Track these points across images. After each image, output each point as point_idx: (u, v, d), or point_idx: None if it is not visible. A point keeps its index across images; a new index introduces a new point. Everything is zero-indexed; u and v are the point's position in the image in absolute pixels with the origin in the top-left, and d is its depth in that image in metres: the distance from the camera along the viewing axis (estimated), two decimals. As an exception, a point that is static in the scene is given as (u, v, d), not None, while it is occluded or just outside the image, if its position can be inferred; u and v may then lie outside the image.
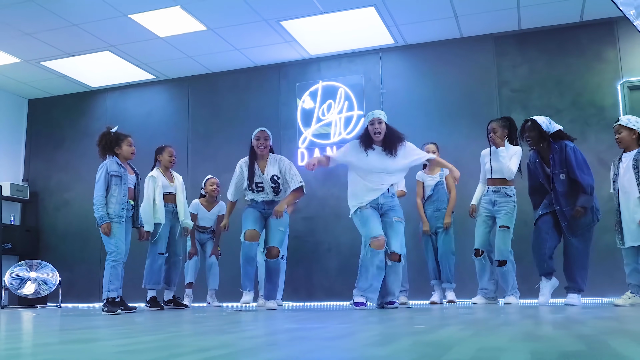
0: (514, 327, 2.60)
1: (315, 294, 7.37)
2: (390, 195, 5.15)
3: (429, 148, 6.27)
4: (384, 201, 5.11)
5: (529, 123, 5.24)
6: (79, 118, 8.95)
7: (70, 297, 8.26)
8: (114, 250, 5.15)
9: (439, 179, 6.21)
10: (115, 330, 3.08)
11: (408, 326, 2.78)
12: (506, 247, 5.50)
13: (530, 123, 5.22)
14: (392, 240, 5.04)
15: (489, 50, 7.22)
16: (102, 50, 7.44)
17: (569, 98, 6.82)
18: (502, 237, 5.53)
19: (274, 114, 7.93)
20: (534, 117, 5.26)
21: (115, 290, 5.12)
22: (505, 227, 5.54)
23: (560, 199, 5.13)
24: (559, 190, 5.09)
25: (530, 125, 5.22)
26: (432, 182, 6.23)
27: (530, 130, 5.20)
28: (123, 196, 5.27)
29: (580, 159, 5.08)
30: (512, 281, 5.55)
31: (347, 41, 7.41)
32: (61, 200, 8.85)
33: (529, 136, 5.22)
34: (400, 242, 5.07)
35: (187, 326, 3.22)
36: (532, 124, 5.20)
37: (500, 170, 5.61)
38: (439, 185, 6.19)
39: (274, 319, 3.72)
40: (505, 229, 5.54)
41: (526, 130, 5.24)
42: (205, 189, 6.95)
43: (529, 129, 5.22)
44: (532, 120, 5.23)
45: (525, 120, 5.35)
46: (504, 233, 5.54)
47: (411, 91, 7.46)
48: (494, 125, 5.69)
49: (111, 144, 5.41)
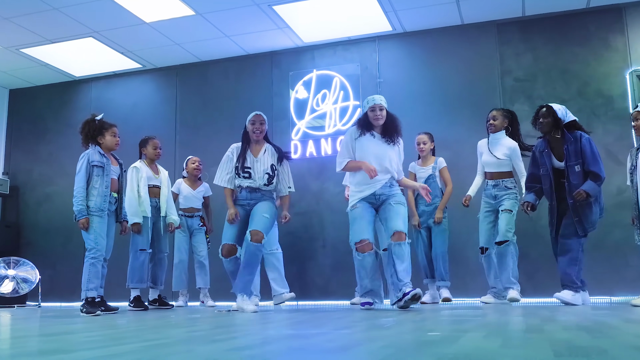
0: (542, 334, 2.28)
1: (309, 292, 7.04)
2: (389, 185, 4.80)
3: (420, 139, 5.96)
4: (382, 192, 4.75)
5: (544, 109, 4.99)
6: (62, 109, 8.57)
7: (52, 296, 7.89)
8: (93, 247, 4.80)
9: (432, 172, 5.89)
10: (89, 336, 2.74)
11: (419, 332, 2.45)
12: (508, 227, 5.26)
13: (546, 109, 4.97)
14: (392, 221, 4.63)
15: (491, 38, 6.90)
16: (85, 36, 7.06)
17: (575, 88, 6.51)
18: (504, 218, 5.31)
19: (266, 105, 7.58)
20: (550, 104, 5.00)
21: (94, 289, 4.77)
22: (509, 211, 5.31)
23: (574, 192, 4.84)
24: (573, 182, 4.81)
25: (545, 111, 4.96)
26: (424, 175, 5.92)
27: (545, 116, 4.95)
28: (105, 188, 4.92)
29: (595, 151, 4.83)
30: (511, 266, 5.23)
31: (342, 28, 7.07)
32: (43, 194, 8.47)
33: (542, 122, 4.96)
34: (402, 220, 4.67)
35: (171, 332, 2.88)
36: (547, 110, 4.95)
37: (496, 162, 5.38)
38: (431, 178, 5.87)
39: (267, 323, 3.38)
40: (507, 212, 5.32)
41: (540, 116, 4.99)
42: (187, 168, 6.62)
43: (543, 114, 4.96)
44: (547, 106, 4.99)
45: (540, 106, 5.09)
46: (506, 215, 5.31)
47: (410, 81, 7.12)
48: (494, 113, 5.54)
49: (94, 132, 5.06)
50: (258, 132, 4.96)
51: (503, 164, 5.41)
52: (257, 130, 4.96)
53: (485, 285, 5.78)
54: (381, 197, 4.76)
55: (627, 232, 6.06)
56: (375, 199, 4.77)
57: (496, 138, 5.50)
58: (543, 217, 5.89)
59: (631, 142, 6.11)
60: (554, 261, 5.84)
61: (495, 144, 5.49)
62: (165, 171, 6.16)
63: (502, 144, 5.45)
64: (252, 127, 4.98)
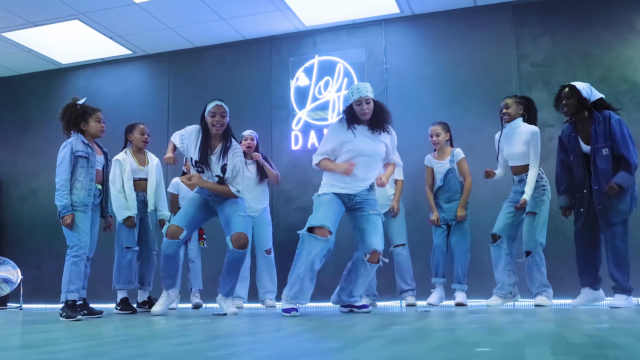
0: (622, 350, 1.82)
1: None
2: (367, 190, 4.36)
3: (433, 130, 5.50)
4: (358, 194, 4.33)
5: (566, 89, 4.56)
6: (47, 98, 8.06)
7: (36, 297, 7.41)
8: (76, 244, 4.33)
9: (450, 165, 5.43)
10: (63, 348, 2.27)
11: (465, 347, 1.99)
12: (532, 235, 4.78)
13: (568, 89, 4.54)
14: (371, 236, 4.23)
15: (506, 21, 6.43)
16: (71, 18, 6.56)
17: (597, 73, 6.05)
18: (528, 225, 4.84)
19: (265, 93, 7.11)
20: (572, 83, 4.55)
21: (76, 291, 4.29)
22: (532, 214, 4.81)
23: (601, 178, 4.41)
24: (600, 167, 4.39)
25: (568, 92, 4.53)
26: (441, 169, 5.45)
27: (568, 98, 4.52)
28: (90, 181, 4.45)
29: (626, 133, 4.39)
30: (538, 277, 4.79)
31: (346, 11, 6.60)
32: (27, 189, 7.98)
33: (566, 104, 4.54)
34: (380, 238, 4.28)
35: (157, 344, 2.41)
36: (570, 90, 4.53)
37: (516, 154, 4.91)
38: (449, 173, 5.41)
39: (271, 332, 2.90)
40: (531, 216, 4.82)
41: (563, 98, 4.55)
42: (186, 165, 6.14)
43: (566, 95, 4.53)
44: (570, 85, 4.55)
45: (562, 86, 4.65)
46: (529, 220, 4.84)
47: (418, 67, 6.65)
48: (507, 101, 5.06)
49: (77, 118, 4.57)
50: (218, 126, 4.43)
51: (525, 155, 4.92)
52: (218, 123, 4.42)
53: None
54: (356, 199, 4.32)
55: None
56: (349, 200, 4.34)
57: (512, 128, 5.03)
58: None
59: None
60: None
61: (511, 135, 5.02)
62: (156, 158, 5.66)
63: (520, 132, 4.97)
64: (212, 119, 4.43)
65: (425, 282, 5.67)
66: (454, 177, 5.40)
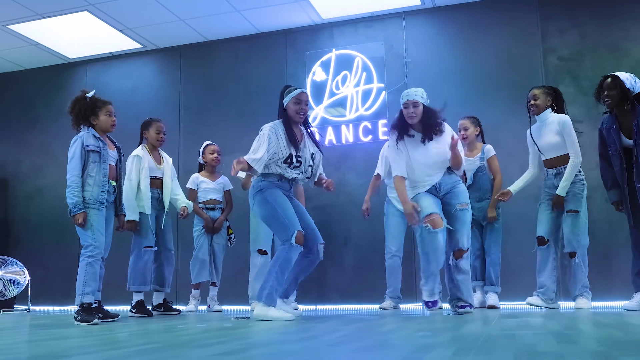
0: None
1: (328, 295, 6.36)
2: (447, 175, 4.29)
3: (461, 124, 5.30)
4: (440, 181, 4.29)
5: (608, 80, 4.34)
6: (54, 94, 7.83)
7: (44, 299, 7.20)
8: (90, 244, 4.09)
9: (480, 163, 5.21)
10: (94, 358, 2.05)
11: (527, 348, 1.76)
12: (576, 235, 4.54)
13: (611, 80, 4.33)
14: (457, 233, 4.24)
15: (531, 13, 6.21)
16: (80, 10, 6.35)
17: (628, 67, 5.76)
18: (571, 224, 4.58)
19: (280, 88, 6.82)
20: (615, 73, 4.33)
21: (91, 293, 4.06)
22: (574, 212, 4.56)
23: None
24: None
25: (610, 83, 4.31)
26: (471, 167, 5.23)
27: (611, 89, 4.30)
28: (103, 176, 4.22)
29: None
30: (582, 279, 4.56)
31: (365, 3, 6.39)
32: (34, 187, 7.76)
33: (607, 95, 4.31)
34: (467, 234, 4.25)
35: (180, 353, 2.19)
36: (613, 81, 4.31)
37: (549, 145, 4.66)
38: (480, 171, 5.20)
39: (307, 339, 2.67)
40: (573, 214, 4.56)
41: (605, 89, 4.33)
42: (204, 157, 5.94)
43: (608, 86, 4.31)
44: (612, 76, 4.33)
45: (604, 76, 4.41)
46: (572, 219, 4.57)
47: (440, 61, 6.43)
48: (535, 92, 4.81)
49: (86, 112, 4.34)
50: (302, 114, 4.17)
51: (559, 146, 4.67)
52: (302, 112, 4.16)
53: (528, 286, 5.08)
54: (442, 186, 4.29)
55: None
56: (436, 190, 4.30)
57: (542, 119, 4.77)
58: (593, 210, 5.25)
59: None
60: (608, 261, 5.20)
61: (542, 127, 4.78)
62: (169, 158, 5.48)
63: (551, 122, 4.73)
64: (297, 107, 4.15)
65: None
66: (485, 175, 5.18)
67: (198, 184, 5.84)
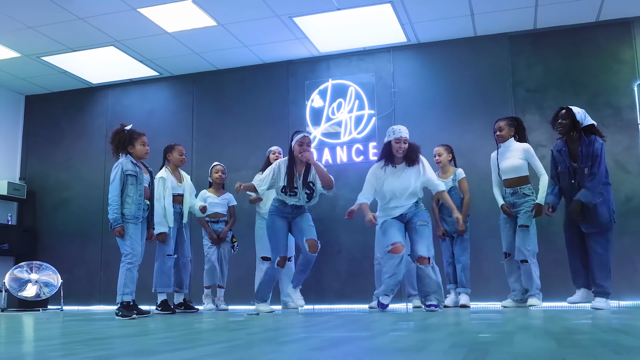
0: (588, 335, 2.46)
1: (325, 296, 7.22)
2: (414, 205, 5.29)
3: (435, 151, 6.18)
4: (407, 212, 5.28)
5: (563, 111, 5.21)
6: (78, 115, 8.71)
7: (69, 300, 8.01)
8: (129, 252, 4.95)
9: (452, 184, 6.09)
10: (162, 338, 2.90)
11: (471, 334, 2.63)
12: (525, 246, 5.45)
13: (565, 111, 5.19)
14: (417, 245, 5.13)
15: (503, 50, 7.11)
16: (107, 45, 7.22)
17: (585, 99, 6.71)
18: (521, 237, 5.49)
19: (282, 113, 7.76)
20: (570, 106, 5.22)
21: (130, 294, 4.93)
22: (524, 227, 5.48)
23: None
24: (582, 184, 5.04)
25: (564, 113, 5.19)
26: (445, 187, 6.10)
27: (564, 118, 5.17)
28: (139, 196, 5.08)
29: (603, 157, 5.03)
30: (536, 281, 5.45)
31: (358, 39, 7.26)
32: (60, 199, 8.60)
33: (560, 123, 5.19)
34: (426, 245, 5.13)
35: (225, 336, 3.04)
36: (567, 112, 5.18)
37: (512, 167, 5.56)
38: (452, 190, 6.06)
39: (311, 325, 3.54)
40: (524, 229, 5.48)
41: (559, 117, 5.21)
42: (211, 176, 6.76)
43: (562, 116, 5.19)
44: (567, 108, 5.21)
45: (560, 107, 5.30)
46: (522, 232, 5.49)
47: (423, 90, 7.32)
48: (500, 124, 5.73)
49: (124, 142, 5.21)
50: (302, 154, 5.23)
51: (520, 169, 5.58)
52: (303, 151, 5.20)
53: (498, 289, 5.99)
54: (407, 215, 5.25)
55: (636, 239, 6.30)
56: (402, 218, 5.28)
57: (506, 146, 5.69)
58: (554, 223, 6.10)
59: (638, 152, 6.34)
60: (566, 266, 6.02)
61: (505, 152, 5.68)
62: (187, 175, 6.32)
63: (513, 149, 5.63)
64: (300, 148, 5.19)
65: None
66: (456, 194, 6.04)
67: (205, 199, 6.65)
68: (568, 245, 5.28)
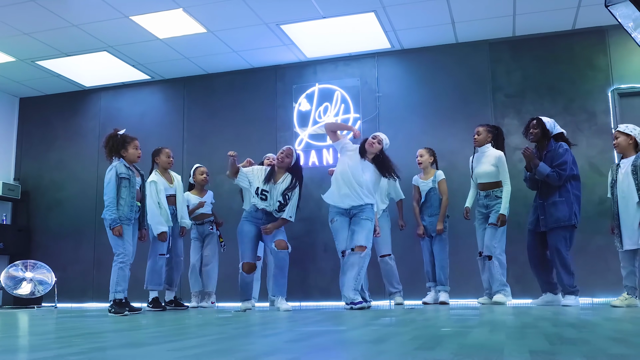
0: (537, 329, 2.72)
1: (310, 294, 7.46)
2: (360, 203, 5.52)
3: (418, 152, 6.44)
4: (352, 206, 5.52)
5: (534, 121, 5.56)
6: (71, 117, 8.92)
7: (63, 297, 8.22)
8: (122, 252, 5.18)
9: (432, 185, 6.33)
10: (157, 332, 3.13)
11: (434, 329, 2.88)
12: (491, 242, 5.73)
13: (536, 121, 5.55)
14: (355, 235, 5.39)
15: (483, 56, 7.37)
16: (100, 50, 7.43)
17: (561, 104, 6.99)
18: (489, 234, 5.78)
19: (271, 116, 8.00)
20: (540, 117, 5.55)
21: (122, 291, 5.16)
22: (494, 225, 5.76)
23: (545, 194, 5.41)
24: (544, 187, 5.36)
25: (535, 123, 5.54)
26: (425, 187, 6.36)
27: (535, 127, 5.53)
28: (132, 198, 5.31)
29: (566, 158, 5.32)
30: (498, 277, 5.71)
31: (344, 45, 7.51)
32: (53, 199, 8.81)
33: (532, 132, 5.53)
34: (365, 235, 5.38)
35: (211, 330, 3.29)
36: (538, 122, 5.53)
37: (485, 172, 5.83)
38: (431, 191, 6.31)
39: (297, 318, 3.79)
40: (493, 226, 5.77)
41: (531, 127, 5.56)
42: (195, 178, 6.92)
43: (533, 126, 5.54)
44: (538, 118, 5.56)
45: (532, 118, 5.65)
46: (491, 230, 5.79)
47: (407, 95, 7.58)
48: (479, 129, 6.04)
49: (118, 146, 5.43)
50: (279, 160, 5.52)
51: (492, 175, 5.87)
52: (280, 158, 5.52)
53: (477, 286, 6.27)
54: (352, 210, 5.51)
55: (608, 239, 6.55)
56: (348, 213, 5.54)
57: (482, 151, 5.97)
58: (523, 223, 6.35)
59: (612, 155, 6.61)
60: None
61: (481, 157, 5.96)
62: (178, 176, 6.53)
63: (488, 155, 5.91)
64: (279, 154, 5.57)
65: (412, 284, 6.61)
66: (435, 195, 6.30)
67: (189, 201, 6.78)
68: (528, 250, 5.62)
